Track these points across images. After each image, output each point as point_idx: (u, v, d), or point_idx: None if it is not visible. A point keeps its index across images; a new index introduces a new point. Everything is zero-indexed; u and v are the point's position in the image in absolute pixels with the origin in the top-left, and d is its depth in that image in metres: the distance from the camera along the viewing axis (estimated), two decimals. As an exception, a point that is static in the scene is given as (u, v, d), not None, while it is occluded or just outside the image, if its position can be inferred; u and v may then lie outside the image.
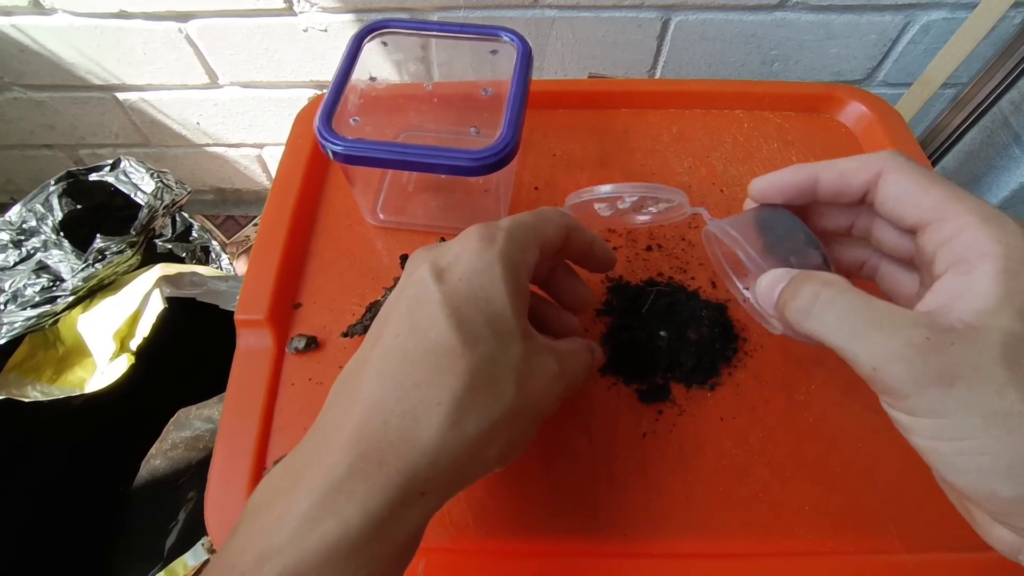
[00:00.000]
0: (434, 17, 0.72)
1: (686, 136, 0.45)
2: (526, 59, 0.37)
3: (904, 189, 0.23)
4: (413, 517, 0.21)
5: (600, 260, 0.30)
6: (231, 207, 1.12)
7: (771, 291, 0.24)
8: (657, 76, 0.74)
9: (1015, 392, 0.18)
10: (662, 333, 0.35)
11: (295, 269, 0.39)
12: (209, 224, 1.10)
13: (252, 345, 0.36)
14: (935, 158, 0.71)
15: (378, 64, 0.40)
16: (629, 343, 0.35)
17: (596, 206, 0.35)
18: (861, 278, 0.28)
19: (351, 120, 0.37)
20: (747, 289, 0.31)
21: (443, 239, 0.38)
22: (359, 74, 0.38)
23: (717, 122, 0.46)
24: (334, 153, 0.34)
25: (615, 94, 0.47)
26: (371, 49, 0.39)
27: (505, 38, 0.38)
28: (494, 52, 0.39)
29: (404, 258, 0.38)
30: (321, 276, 0.39)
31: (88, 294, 0.49)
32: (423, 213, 0.42)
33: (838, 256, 0.29)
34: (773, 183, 0.27)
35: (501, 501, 0.31)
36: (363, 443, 0.21)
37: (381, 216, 0.42)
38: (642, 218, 0.36)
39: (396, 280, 0.37)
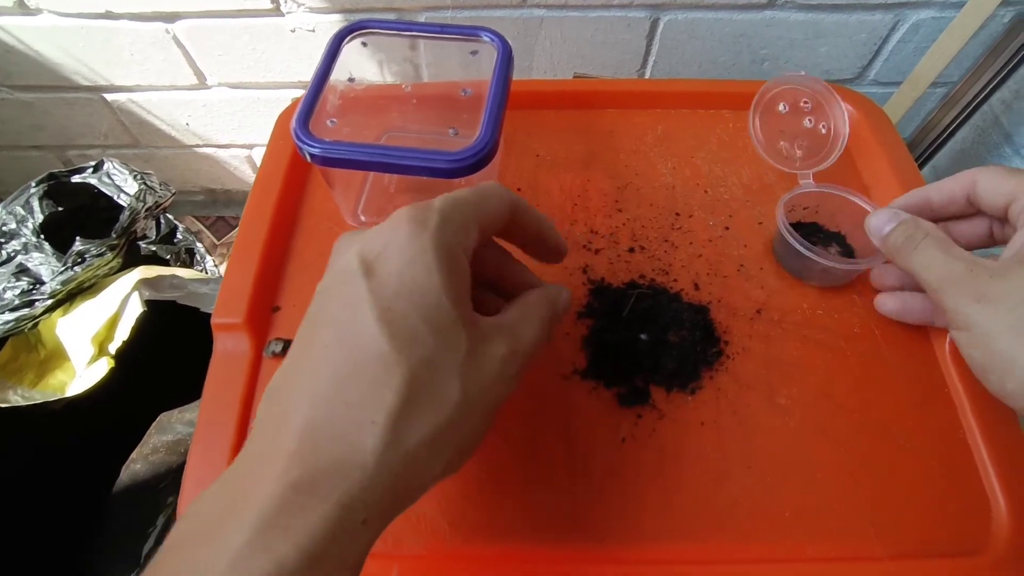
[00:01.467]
0: (421, 17, 0.71)
1: (671, 136, 0.45)
2: (506, 59, 0.37)
3: (991, 181, 0.29)
4: (354, 547, 0.20)
5: (549, 246, 0.28)
6: (221, 208, 1.11)
7: (880, 228, 0.31)
8: (647, 76, 0.73)
9: None
10: (643, 336, 0.35)
11: (274, 272, 0.39)
12: (200, 225, 1.09)
13: (229, 349, 0.36)
14: (926, 156, 0.71)
15: (358, 65, 0.40)
16: (610, 346, 0.34)
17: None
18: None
19: (328, 122, 0.36)
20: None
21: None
22: (339, 75, 0.38)
23: (703, 122, 0.46)
24: (311, 155, 0.34)
25: (600, 94, 0.47)
26: (351, 50, 0.39)
27: (485, 38, 0.38)
28: (474, 53, 0.39)
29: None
30: (301, 279, 0.39)
31: (67, 297, 0.48)
32: (405, 215, 0.42)
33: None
34: (902, 204, 0.33)
35: (477, 507, 0.30)
36: (294, 472, 0.19)
37: (362, 218, 0.41)
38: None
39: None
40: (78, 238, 0.48)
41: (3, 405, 0.45)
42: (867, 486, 0.31)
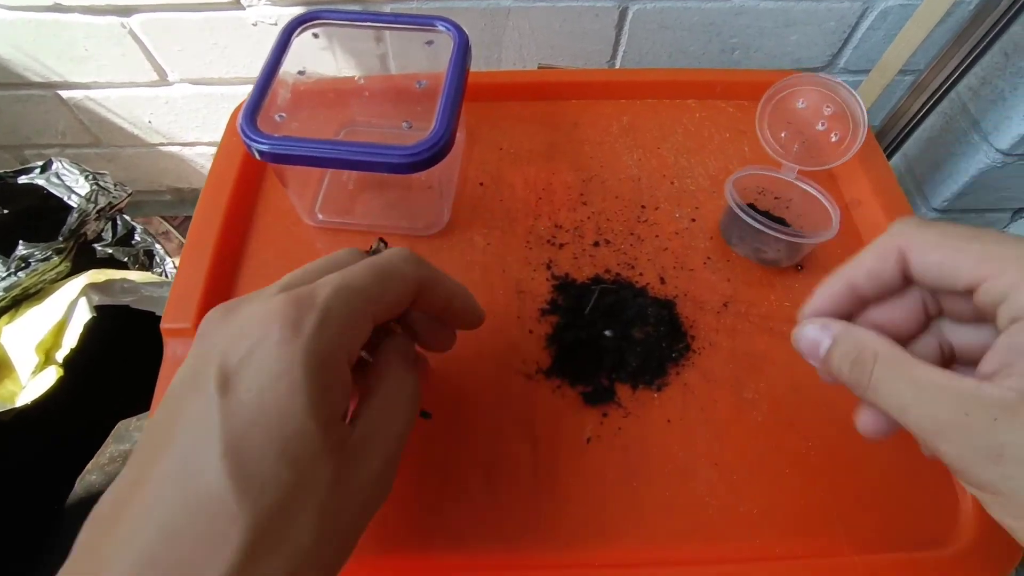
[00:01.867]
0: (387, 8, 0.69)
1: (636, 127, 0.44)
2: (462, 49, 0.35)
3: (936, 262, 0.21)
4: None
5: (462, 318, 0.26)
6: (190, 207, 1.08)
7: (813, 349, 0.23)
8: (617, 66, 0.72)
9: None
10: (607, 332, 0.34)
11: (228, 274, 0.37)
12: (168, 225, 1.06)
13: (180, 355, 0.34)
14: (895, 145, 0.71)
15: (312, 58, 0.38)
16: (574, 343, 0.34)
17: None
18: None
19: (276, 117, 0.35)
20: None
21: (381, 239, 0.36)
22: (290, 68, 0.36)
23: (668, 112, 0.45)
24: (260, 152, 0.32)
25: (565, 85, 0.46)
26: (302, 42, 0.37)
27: (441, 28, 0.37)
28: (430, 43, 0.38)
29: (341, 260, 0.36)
30: (256, 281, 0.37)
31: (12, 304, 0.46)
32: (364, 212, 0.41)
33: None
34: (818, 308, 0.24)
35: (437, 513, 0.29)
36: None
37: (320, 216, 0.40)
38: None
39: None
40: (21, 242, 0.46)
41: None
42: (835, 481, 0.30)
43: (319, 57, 0.39)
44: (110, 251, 0.57)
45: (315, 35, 0.38)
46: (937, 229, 0.21)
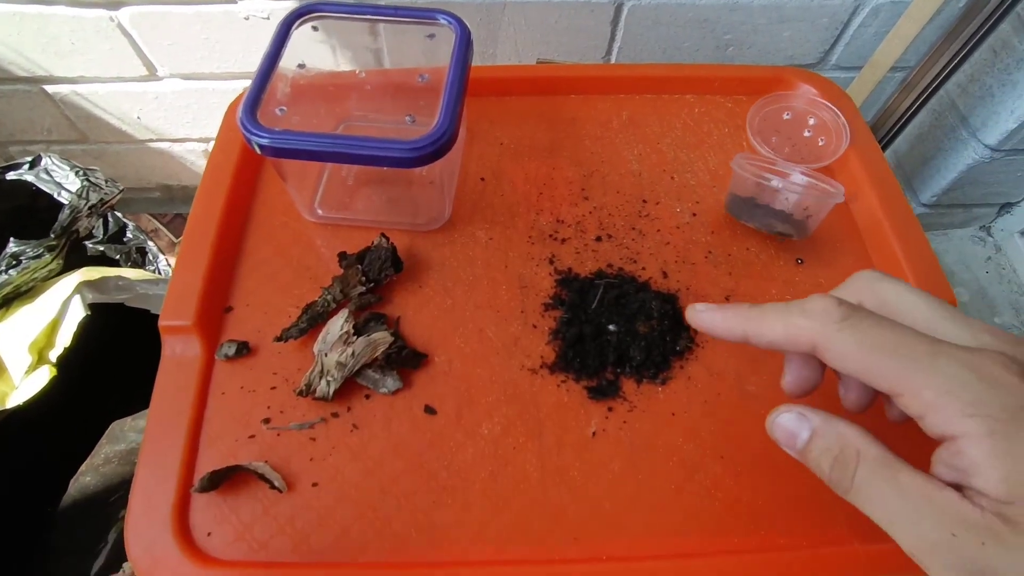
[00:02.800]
0: (382, 1, 0.69)
1: (636, 122, 0.44)
2: (464, 43, 0.35)
3: (853, 369, 0.21)
4: None
5: None
6: (179, 204, 1.07)
7: (791, 440, 0.23)
8: (612, 62, 0.72)
9: None
10: (611, 327, 0.34)
11: (226, 270, 0.37)
12: (157, 223, 1.05)
13: (179, 353, 0.34)
14: (886, 142, 0.72)
15: (311, 51, 0.38)
16: (578, 338, 0.34)
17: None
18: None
19: (277, 110, 0.34)
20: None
21: (383, 234, 0.36)
22: (289, 62, 0.36)
23: (667, 107, 0.45)
24: (260, 146, 0.32)
25: (564, 80, 0.45)
26: (301, 35, 0.37)
27: (442, 21, 0.36)
28: (431, 36, 0.37)
29: (342, 256, 0.36)
30: (254, 277, 0.37)
31: (2, 303, 0.45)
32: (364, 208, 0.40)
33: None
34: (711, 328, 0.24)
35: (444, 510, 0.29)
36: None
37: (320, 212, 0.39)
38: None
39: (334, 279, 0.35)
40: (12, 239, 0.45)
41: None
42: (837, 470, 0.31)
43: (318, 50, 0.39)
44: (101, 248, 0.56)
45: (314, 28, 0.37)
46: (856, 335, 0.20)
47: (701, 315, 0.25)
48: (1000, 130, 0.71)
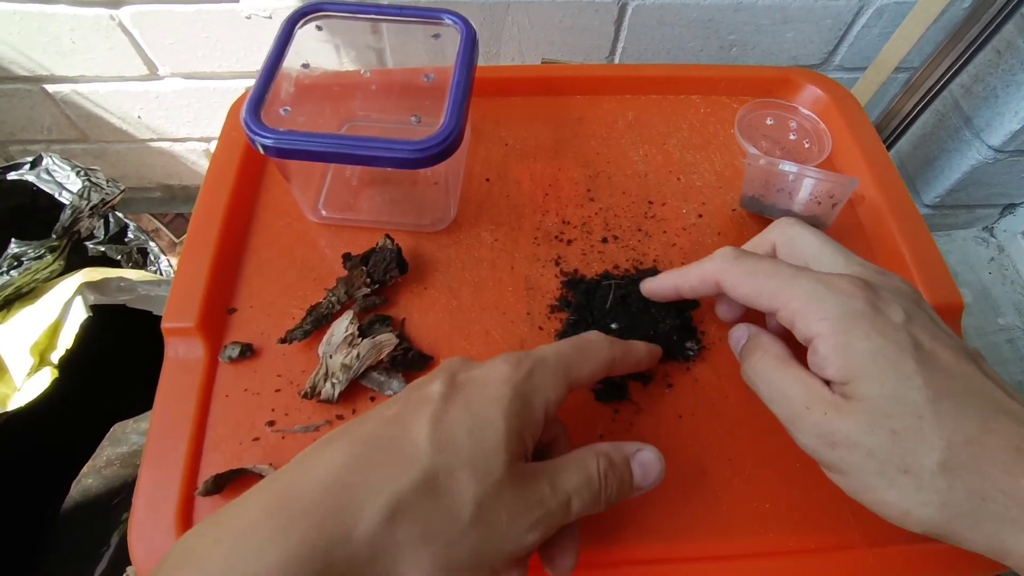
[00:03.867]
0: (385, 1, 0.69)
1: (642, 122, 0.44)
2: (470, 43, 0.35)
3: (741, 294, 0.27)
4: None
5: (646, 365, 0.30)
6: (180, 204, 1.06)
7: (736, 344, 0.29)
8: (616, 62, 0.72)
9: (883, 452, 0.22)
10: (613, 326, 0.33)
11: (229, 271, 0.36)
12: (158, 223, 1.05)
13: (182, 355, 0.33)
14: (890, 142, 0.72)
15: (314, 50, 0.38)
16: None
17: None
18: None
19: (281, 110, 0.34)
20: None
21: (388, 236, 0.36)
22: (293, 62, 0.36)
23: (673, 108, 0.45)
24: (264, 147, 0.31)
25: (569, 80, 0.45)
26: (305, 34, 0.37)
27: (448, 21, 0.36)
28: (436, 36, 0.37)
29: (347, 257, 0.36)
30: (258, 278, 0.36)
31: (3, 304, 0.45)
32: (369, 208, 0.40)
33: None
34: (654, 293, 0.32)
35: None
36: (296, 508, 0.19)
37: (323, 213, 0.39)
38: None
39: (339, 281, 0.35)
40: (13, 240, 0.45)
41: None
42: (845, 474, 0.30)
43: (322, 50, 0.39)
44: (102, 249, 0.56)
45: (318, 27, 0.37)
46: (744, 265, 0.27)
47: (646, 285, 0.33)
48: (1004, 131, 0.70)
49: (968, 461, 0.21)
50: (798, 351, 0.26)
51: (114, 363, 0.47)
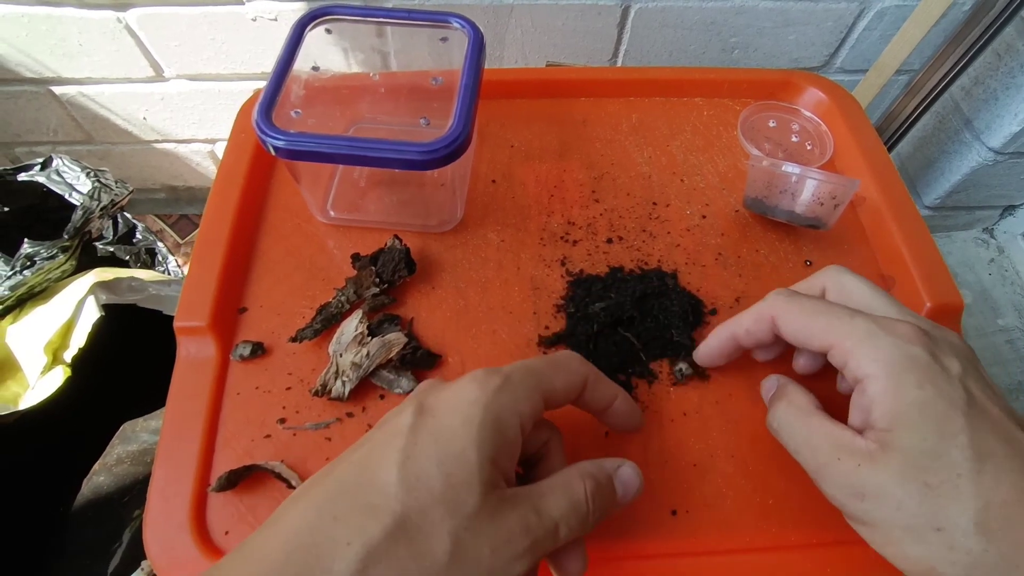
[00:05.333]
0: (389, 3, 0.69)
1: (646, 125, 0.44)
2: (477, 46, 0.35)
3: (795, 329, 0.27)
4: None
5: (622, 422, 0.28)
6: (184, 206, 1.07)
7: (767, 394, 0.30)
8: (619, 64, 0.73)
9: (914, 506, 0.21)
10: (621, 328, 0.34)
11: (239, 271, 0.37)
12: (162, 224, 1.05)
13: (194, 354, 0.34)
14: (891, 144, 0.72)
15: (323, 53, 0.38)
16: (590, 338, 0.34)
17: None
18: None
19: (293, 113, 0.35)
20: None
21: (396, 236, 0.36)
22: (303, 64, 0.36)
23: (676, 110, 0.45)
24: (276, 148, 0.32)
25: (573, 82, 0.46)
26: (314, 37, 0.37)
27: (456, 24, 0.37)
28: (444, 39, 0.38)
29: (355, 257, 0.36)
30: (268, 278, 0.37)
31: (17, 303, 0.45)
32: (376, 209, 0.41)
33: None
34: (712, 354, 0.32)
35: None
36: (263, 571, 0.19)
37: (332, 213, 0.40)
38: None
39: (348, 281, 0.35)
40: (27, 240, 0.45)
41: (-50, 419, 0.42)
42: (847, 471, 0.31)
43: (330, 53, 0.39)
44: (111, 249, 0.57)
45: (328, 31, 0.38)
46: (799, 304, 0.27)
47: (701, 355, 0.32)
48: (1004, 133, 0.71)
49: (1004, 525, 0.21)
50: (825, 405, 0.26)
51: (124, 362, 0.48)
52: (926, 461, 0.21)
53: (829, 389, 0.30)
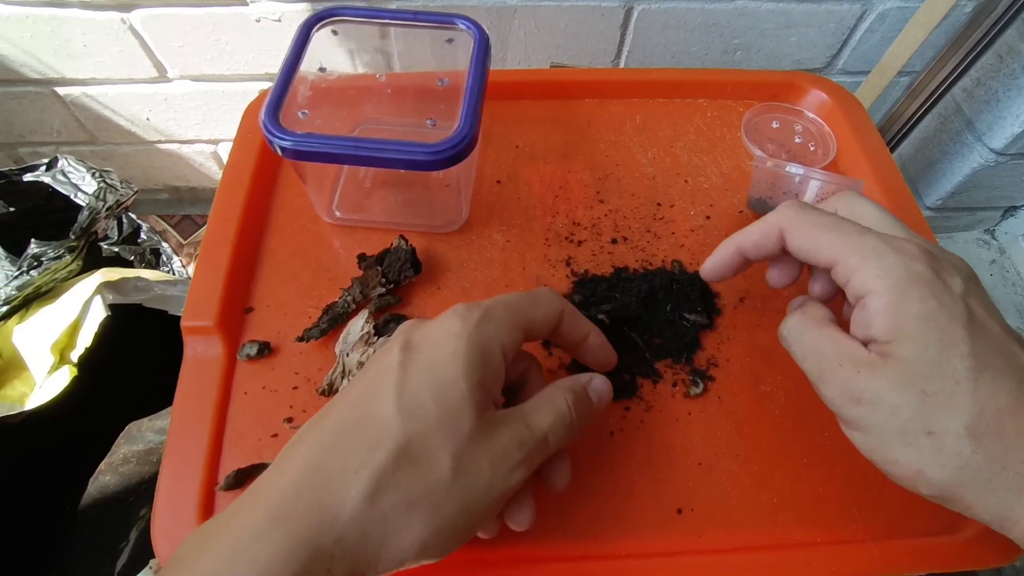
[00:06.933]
0: (392, 4, 0.69)
1: (649, 126, 0.45)
2: (483, 47, 0.36)
3: (803, 243, 0.26)
4: None
5: (596, 356, 0.29)
6: (187, 206, 1.07)
7: (792, 306, 0.29)
8: (621, 66, 0.73)
9: (909, 411, 0.22)
10: (626, 328, 0.34)
11: (246, 271, 0.37)
12: (165, 224, 1.05)
13: (201, 353, 0.34)
14: (892, 145, 0.72)
15: (329, 54, 0.39)
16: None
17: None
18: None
19: (300, 113, 0.35)
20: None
21: (402, 236, 0.37)
22: (309, 65, 0.37)
23: (680, 111, 0.46)
24: (282, 149, 0.32)
25: (577, 84, 0.46)
26: (321, 38, 0.38)
27: (461, 26, 0.37)
28: (450, 41, 0.38)
29: (361, 257, 0.37)
30: (274, 278, 0.37)
31: (23, 303, 0.45)
32: (381, 210, 0.41)
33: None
34: (717, 266, 0.30)
35: (467, 507, 0.30)
36: (277, 509, 0.20)
37: (337, 214, 0.40)
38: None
39: (354, 280, 0.36)
40: (34, 240, 0.46)
41: (-43, 419, 0.43)
42: (851, 471, 0.31)
43: (335, 54, 0.40)
44: (116, 249, 0.57)
45: (334, 32, 0.38)
46: (810, 217, 0.26)
47: (706, 268, 0.31)
48: (1005, 134, 0.71)
49: (996, 430, 0.21)
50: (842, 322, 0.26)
51: (130, 362, 0.48)
52: (926, 369, 0.22)
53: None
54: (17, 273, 0.45)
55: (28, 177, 0.54)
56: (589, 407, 0.27)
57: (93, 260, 0.54)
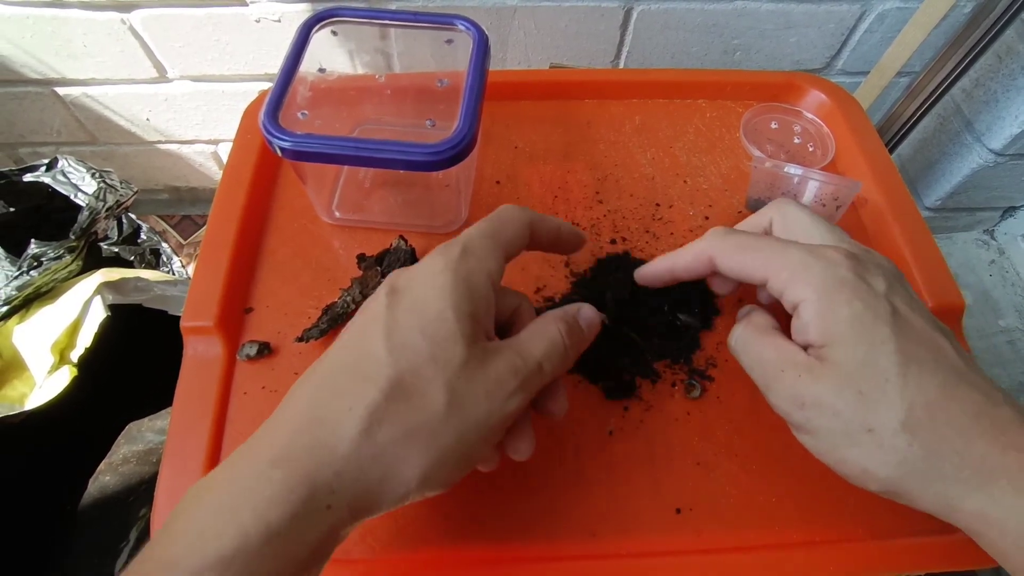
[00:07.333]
0: (392, 5, 0.69)
1: (649, 126, 0.45)
2: (482, 48, 0.36)
3: (733, 266, 0.27)
4: (316, 530, 0.20)
5: (569, 243, 0.30)
6: (187, 206, 1.07)
7: (741, 316, 0.29)
8: (621, 66, 0.73)
9: (849, 412, 0.23)
10: (625, 328, 0.34)
11: (246, 272, 0.37)
12: (165, 224, 1.05)
13: (201, 353, 0.34)
14: (891, 146, 0.73)
15: (328, 55, 0.39)
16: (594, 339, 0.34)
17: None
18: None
19: (299, 114, 0.35)
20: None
21: (401, 237, 0.37)
22: (308, 66, 0.37)
23: (679, 112, 0.46)
24: (282, 149, 0.32)
25: (577, 84, 0.46)
26: (320, 39, 0.38)
27: (460, 26, 0.37)
28: (449, 41, 0.38)
29: (361, 257, 0.37)
30: (274, 278, 0.37)
31: (24, 303, 0.45)
32: (381, 210, 0.41)
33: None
34: (647, 278, 0.31)
35: (464, 506, 0.30)
36: (275, 451, 0.21)
37: (337, 214, 0.40)
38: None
39: (354, 281, 0.36)
40: (34, 240, 0.46)
41: (-43, 419, 0.43)
42: (850, 470, 0.31)
43: (335, 55, 0.40)
44: (116, 250, 0.57)
45: (333, 32, 0.38)
46: (735, 240, 0.28)
47: (640, 272, 0.32)
48: (1005, 134, 0.71)
49: (928, 422, 0.22)
50: (786, 326, 0.27)
51: (129, 362, 0.48)
52: (858, 370, 0.23)
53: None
54: (17, 273, 0.45)
55: (28, 177, 0.54)
56: (580, 335, 0.27)
57: (93, 260, 0.54)
